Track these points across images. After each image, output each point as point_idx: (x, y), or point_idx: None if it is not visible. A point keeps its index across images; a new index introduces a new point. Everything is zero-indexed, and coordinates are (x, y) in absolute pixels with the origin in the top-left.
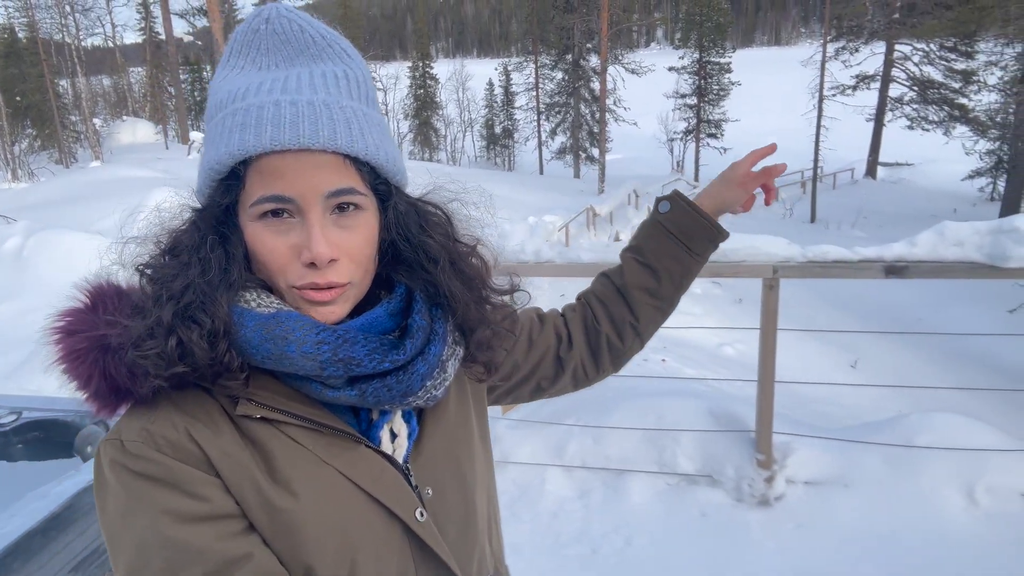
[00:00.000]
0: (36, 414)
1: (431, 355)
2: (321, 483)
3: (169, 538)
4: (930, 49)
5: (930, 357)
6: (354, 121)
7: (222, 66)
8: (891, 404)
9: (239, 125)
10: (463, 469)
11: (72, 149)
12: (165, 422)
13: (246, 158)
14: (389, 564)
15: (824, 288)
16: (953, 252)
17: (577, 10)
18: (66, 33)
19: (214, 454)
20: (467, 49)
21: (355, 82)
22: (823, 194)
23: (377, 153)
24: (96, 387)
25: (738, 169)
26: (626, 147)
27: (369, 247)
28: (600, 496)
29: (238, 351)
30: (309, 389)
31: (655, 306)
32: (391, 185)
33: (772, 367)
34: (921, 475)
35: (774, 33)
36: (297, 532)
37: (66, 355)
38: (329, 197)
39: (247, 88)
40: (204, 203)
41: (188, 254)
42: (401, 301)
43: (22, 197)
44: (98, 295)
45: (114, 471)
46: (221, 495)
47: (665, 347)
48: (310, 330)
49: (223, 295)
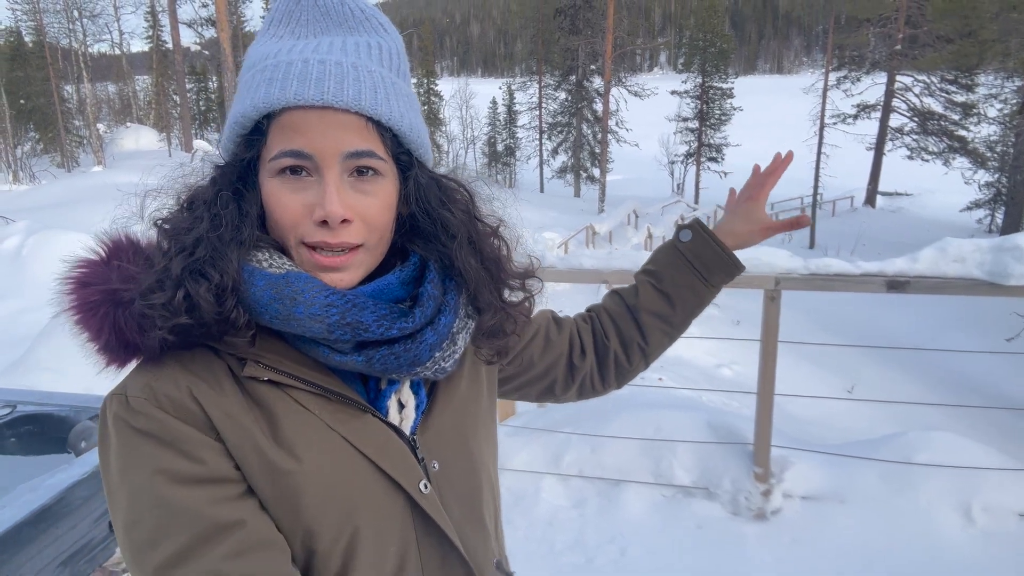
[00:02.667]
0: (30, 408)
1: (441, 325)
2: (325, 448)
3: (162, 497)
4: (931, 81)
5: (928, 384)
6: (380, 86)
7: (261, 34)
8: (887, 428)
9: (266, 80)
10: (471, 447)
11: (74, 153)
12: (169, 380)
13: (269, 112)
14: (391, 534)
15: (822, 312)
16: (954, 268)
17: (582, 32)
18: (73, 39)
19: (216, 415)
20: (472, 68)
21: (387, 53)
22: (822, 220)
23: (401, 121)
24: (106, 340)
25: (765, 219)
26: (627, 168)
27: (385, 214)
28: (596, 506)
29: (246, 309)
30: (316, 353)
31: (664, 331)
32: (413, 157)
33: (772, 379)
34: (918, 492)
35: (776, 62)
36: (299, 495)
37: (78, 306)
38: (348, 158)
39: (279, 49)
40: (227, 158)
41: (202, 209)
42: (414, 270)
43: (22, 199)
44: (115, 248)
45: (116, 426)
46: (218, 458)
47: (662, 366)
48: (319, 292)
49: (234, 251)
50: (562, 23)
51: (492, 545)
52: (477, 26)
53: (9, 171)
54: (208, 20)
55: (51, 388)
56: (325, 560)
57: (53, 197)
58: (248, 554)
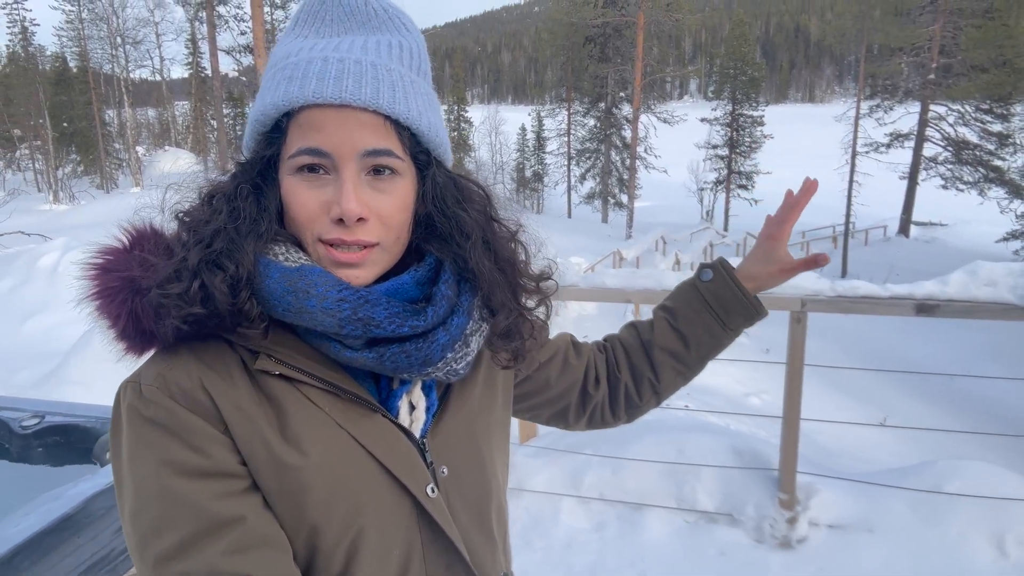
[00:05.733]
0: (58, 419)
1: (453, 326)
2: (333, 445)
3: (167, 488)
4: (965, 110)
5: (959, 414)
6: (399, 85)
7: (286, 34)
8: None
9: (286, 78)
10: (482, 455)
11: (114, 175)
12: (181, 370)
13: (289, 110)
14: (395, 537)
15: (850, 340)
16: (985, 292)
17: (611, 60)
18: (116, 65)
19: (225, 407)
20: (502, 96)
21: (408, 52)
22: (855, 250)
23: (419, 120)
24: (124, 327)
25: (784, 258)
26: (655, 195)
27: (402, 213)
28: (616, 529)
29: (260, 301)
30: (327, 348)
31: (677, 370)
32: (431, 156)
33: (798, 402)
34: (949, 523)
35: (808, 90)
36: (304, 492)
37: (99, 292)
38: (365, 156)
39: (301, 47)
40: (248, 156)
41: (221, 201)
42: (430, 271)
43: (62, 219)
44: (138, 237)
45: (128, 414)
46: (224, 452)
47: (689, 393)
48: (332, 287)
49: (250, 244)
50: (592, 51)
51: (499, 557)
52: (508, 55)
53: (50, 191)
54: (246, 47)
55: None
56: (327, 559)
57: (91, 217)
58: (247, 551)
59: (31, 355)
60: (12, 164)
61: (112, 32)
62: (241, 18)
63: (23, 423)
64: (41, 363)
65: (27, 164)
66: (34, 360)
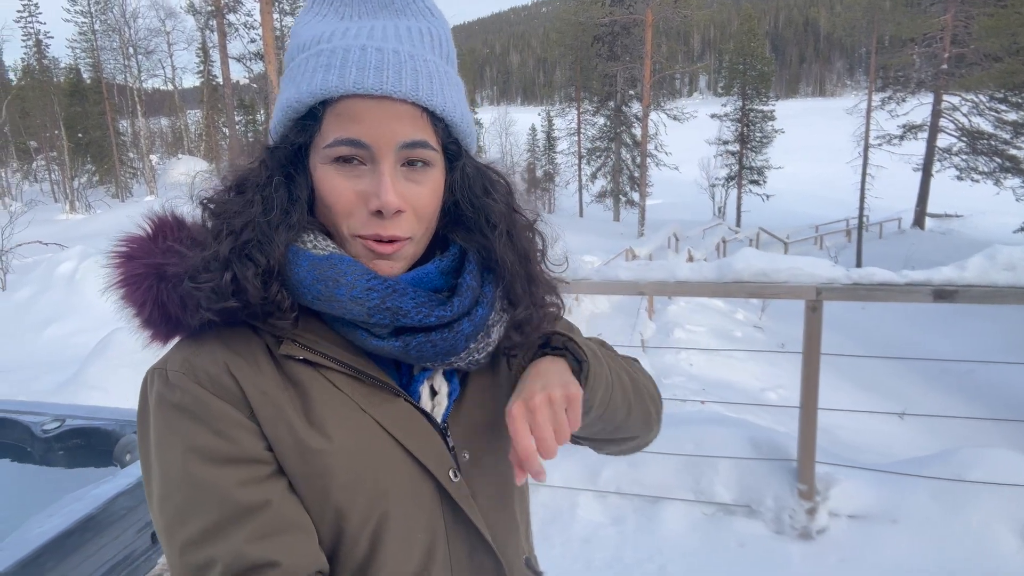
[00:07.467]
0: (79, 422)
1: (477, 316)
2: (356, 429)
3: (193, 475)
4: (979, 100)
5: (980, 406)
6: (436, 76)
7: (304, 12)
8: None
9: (323, 66)
10: (502, 441)
11: (128, 184)
12: (208, 356)
13: (326, 99)
14: (419, 521)
15: (867, 332)
16: (1005, 277)
17: (620, 58)
18: (128, 75)
19: (251, 391)
20: (511, 97)
21: (438, 40)
22: (869, 243)
23: (454, 111)
24: (149, 314)
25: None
26: (667, 192)
27: (434, 204)
28: (634, 523)
29: (289, 290)
30: (354, 336)
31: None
32: (461, 146)
33: (815, 392)
34: (972, 512)
35: (819, 84)
36: (329, 475)
37: (124, 280)
38: (403, 148)
39: (332, 32)
40: (277, 142)
41: (252, 192)
42: (454, 261)
43: (78, 228)
44: (161, 225)
45: (155, 400)
46: (250, 437)
47: (704, 389)
48: (361, 276)
49: (282, 236)
50: (600, 50)
51: (522, 542)
52: (516, 56)
53: (66, 201)
54: (256, 54)
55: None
56: (353, 543)
57: (107, 225)
58: (272, 537)
59: (51, 362)
60: (29, 175)
61: (124, 43)
62: (251, 25)
63: (45, 427)
64: (60, 369)
65: (43, 175)
66: (54, 367)
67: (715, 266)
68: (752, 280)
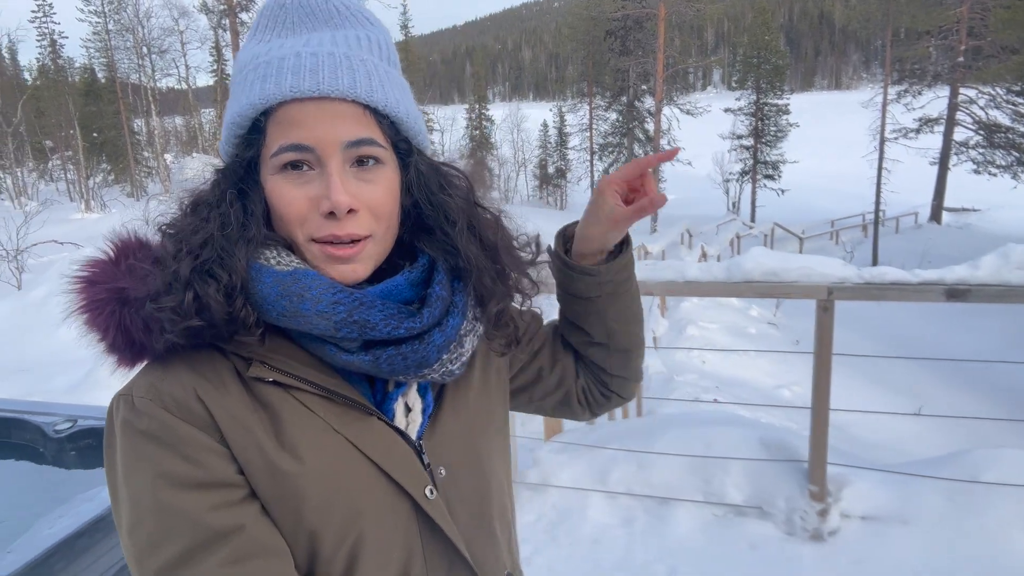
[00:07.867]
0: (91, 422)
1: (448, 327)
2: (329, 450)
3: (163, 501)
4: (996, 93)
5: (997, 405)
6: (374, 74)
7: (248, 39)
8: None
9: (260, 77)
10: (479, 455)
11: (143, 183)
12: (174, 380)
13: (266, 108)
14: (395, 540)
15: (880, 331)
16: (1019, 276)
17: (632, 53)
18: (142, 74)
19: (220, 415)
20: (523, 93)
21: (376, 43)
22: (886, 238)
23: (397, 107)
24: (113, 339)
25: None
26: (680, 188)
27: (390, 202)
28: (643, 524)
29: (254, 307)
30: (323, 352)
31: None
32: (412, 145)
33: (827, 392)
34: (986, 513)
35: (834, 78)
36: (301, 497)
37: (86, 305)
38: (348, 147)
39: (270, 48)
40: (227, 160)
41: (207, 210)
42: (423, 272)
43: (94, 227)
44: (123, 247)
45: (121, 426)
46: (220, 461)
47: (717, 387)
48: (327, 289)
49: (241, 250)
50: (612, 44)
51: (503, 556)
52: (528, 51)
53: (82, 200)
54: None
55: None
56: (328, 565)
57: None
58: (246, 561)
59: (65, 361)
60: (44, 175)
61: (138, 42)
62: None
63: (56, 427)
64: (74, 369)
65: (59, 174)
66: (68, 366)
67: (725, 266)
68: (762, 280)
